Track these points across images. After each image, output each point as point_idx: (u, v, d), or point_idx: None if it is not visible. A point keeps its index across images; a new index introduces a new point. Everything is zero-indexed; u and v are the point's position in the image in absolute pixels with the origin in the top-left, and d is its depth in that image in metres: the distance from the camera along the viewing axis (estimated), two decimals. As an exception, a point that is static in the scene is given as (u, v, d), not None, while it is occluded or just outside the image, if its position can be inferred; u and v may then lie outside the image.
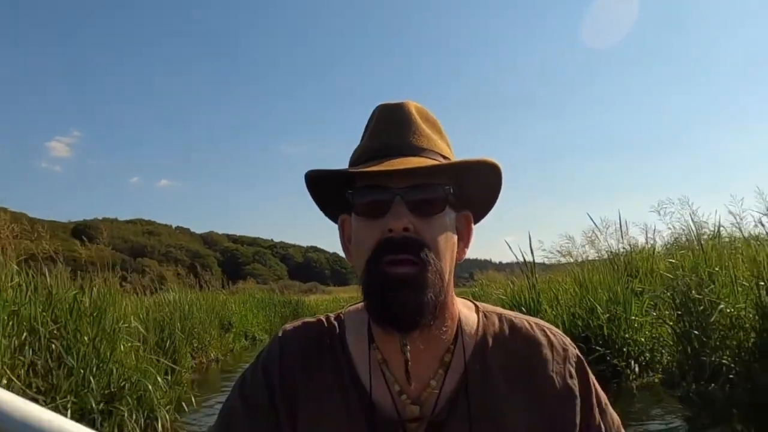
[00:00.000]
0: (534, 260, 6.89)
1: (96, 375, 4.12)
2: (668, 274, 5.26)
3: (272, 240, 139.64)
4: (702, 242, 5.25)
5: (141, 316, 6.04)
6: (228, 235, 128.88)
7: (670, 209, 6.30)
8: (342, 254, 0.81)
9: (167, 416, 4.73)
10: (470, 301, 0.86)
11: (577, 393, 0.77)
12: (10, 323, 3.76)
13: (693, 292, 4.67)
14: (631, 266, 6.93)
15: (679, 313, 4.91)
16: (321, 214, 0.85)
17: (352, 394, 0.76)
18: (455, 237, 0.78)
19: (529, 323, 0.83)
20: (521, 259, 7.02)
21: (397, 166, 0.70)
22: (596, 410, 0.79)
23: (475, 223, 0.84)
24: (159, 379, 4.82)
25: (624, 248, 7.40)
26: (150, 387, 4.46)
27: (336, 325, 0.83)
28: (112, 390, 4.21)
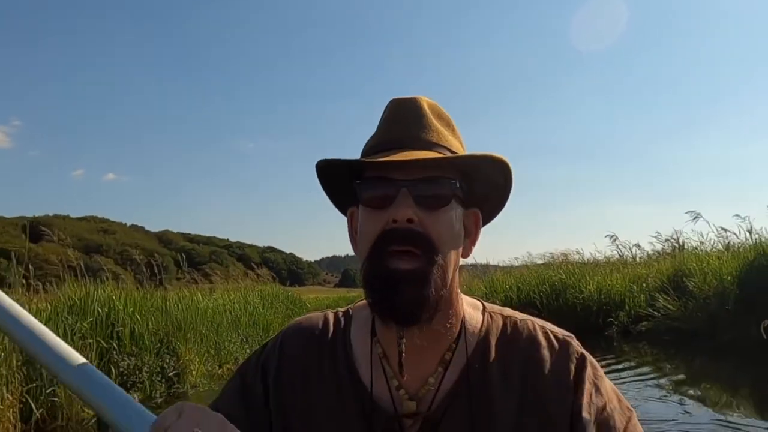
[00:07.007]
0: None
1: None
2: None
3: (228, 239, 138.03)
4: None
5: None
6: (183, 234, 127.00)
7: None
8: (298, 255, 5.22)
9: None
10: (478, 300, 0.87)
11: (575, 395, 0.75)
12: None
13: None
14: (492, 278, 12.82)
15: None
16: (278, 214, 4.59)
17: (348, 388, 0.78)
18: (461, 233, 0.78)
19: (533, 324, 0.82)
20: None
21: (404, 158, 0.71)
22: (592, 410, 0.74)
23: (484, 223, 0.84)
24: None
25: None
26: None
27: (342, 320, 0.86)
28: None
